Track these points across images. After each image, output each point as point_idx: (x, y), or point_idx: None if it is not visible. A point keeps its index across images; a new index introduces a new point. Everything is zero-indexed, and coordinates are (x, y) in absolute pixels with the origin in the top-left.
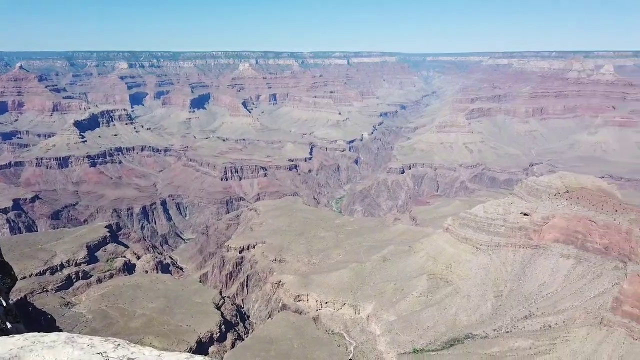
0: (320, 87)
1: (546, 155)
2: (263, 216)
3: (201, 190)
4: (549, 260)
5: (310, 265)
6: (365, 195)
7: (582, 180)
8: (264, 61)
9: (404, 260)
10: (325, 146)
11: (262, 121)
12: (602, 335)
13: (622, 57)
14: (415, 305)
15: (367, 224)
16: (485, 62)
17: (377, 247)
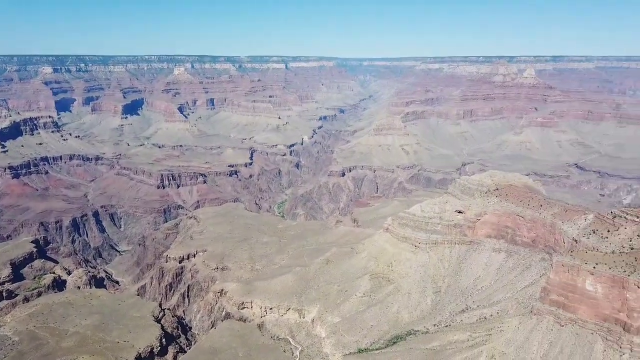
0: (259, 92)
1: (477, 155)
2: (203, 224)
3: (136, 199)
4: (483, 255)
5: (254, 272)
6: (307, 198)
7: (510, 178)
8: (200, 65)
9: (347, 261)
10: (266, 151)
11: (200, 127)
12: (532, 323)
13: (542, 62)
14: (358, 306)
15: (309, 227)
16: (418, 67)
17: (320, 250)
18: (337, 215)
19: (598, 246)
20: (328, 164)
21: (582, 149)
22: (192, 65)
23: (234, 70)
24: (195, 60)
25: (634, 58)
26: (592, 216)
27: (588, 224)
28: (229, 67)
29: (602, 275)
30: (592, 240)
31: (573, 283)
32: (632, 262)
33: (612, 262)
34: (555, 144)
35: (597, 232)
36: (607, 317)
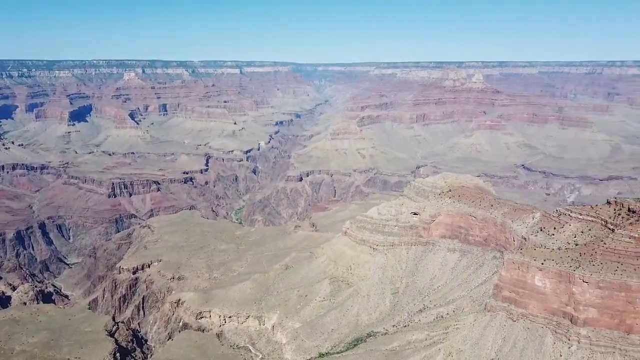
0: (214, 97)
1: (430, 157)
2: (158, 233)
3: (86, 209)
4: (438, 255)
5: (212, 280)
6: (265, 204)
7: (462, 180)
8: (152, 70)
9: (306, 266)
10: (222, 157)
11: (152, 133)
12: (486, 320)
13: (489, 67)
14: (319, 310)
15: (268, 233)
16: (372, 72)
17: (279, 255)
18: (296, 220)
19: (545, 243)
20: (285, 169)
21: (528, 151)
22: (143, 70)
23: (187, 75)
24: (147, 65)
25: (573, 64)
26: (539, 215)
27: (536, 222)
28: (182, 72)
29: (550, 271)
30: (539, 238)
31: (523, 279)
32: (577, 258)
33: (558, 258)
34: (503, 146)
35: (544, 230)
36: (555, 311)
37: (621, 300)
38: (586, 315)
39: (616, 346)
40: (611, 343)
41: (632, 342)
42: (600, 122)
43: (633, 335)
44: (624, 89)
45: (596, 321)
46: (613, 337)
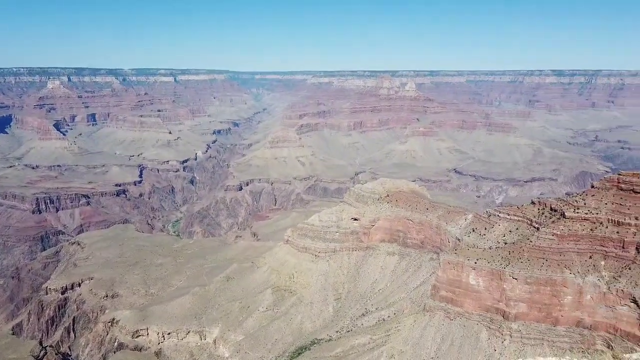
0: (147, 106)
1: (368, 164)
2: (89, 249)
3: (7, 227)
4: (378, 259)
5: (149, 297)
6: (204, 215)
7: (399, 185)
8: (79, 79)
9: (248, 276)
10: (157, 167)
11: (81, 144)
12: (426, 320)
13: (421, 76)
14: (262, 321)
15: (208, 244)
16: (309, 81)
17: (220, 267)
18: (236, 230)
19: (478, 243)
20: (224, 178)
21: (459, 155)
22: (69, 78)
23: (117, 83)
24: (73, 73)
25: (497, 73)
26: (471, 216)
27: (468, 223)
28: (111, 80)
29: (483, 270)
30: (472, 238)
31: (458, 279)
32: (507, 256)
33: (490, 257)
34: (436, 151)
35: (476, 231)
36: (489, 307)
37: (547, 294)
38: (517, 310)
39: (544, 338)
40: (540, 335)
41: (558, 334)
42: (523, 127)
43: (559, 327)
44: (543, 96)
45: (526, 315)
46: (541, 330)
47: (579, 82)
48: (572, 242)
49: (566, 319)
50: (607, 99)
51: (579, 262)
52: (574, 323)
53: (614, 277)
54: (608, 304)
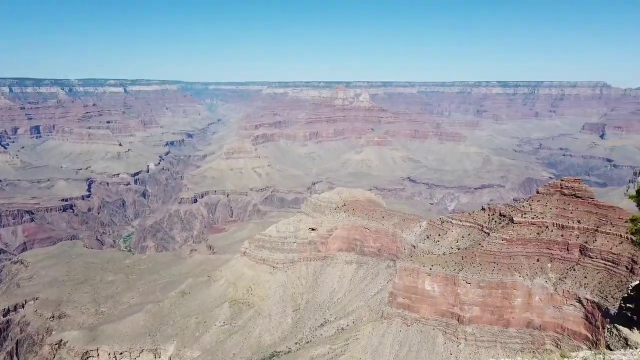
0: (95, 117)
1: (325, 174)
2: (33, 268)
3: None
4: (336, 268)
5: (99, 316)
6: (157, 229)
7: (355, 194)
8: (21, 89)
9: (204, 291)
10: (107, 181)
11: (23, 158)
12: (384, 327)
13: (375, 87)
14: (219, 336)
15: (161, 259)
16: (264, 91)
17: (174, 282)
18: (191, 243)
19: (432, 249)
20: (178, 190)
21: (412, 164)
22: (10, 89)
23: (63, 94)
24: (14, 83)
25: (446, 84)
26: (425, 223)
27: (423, 230)
28: (56, 90)
29: (437, 275)
30: (427, 245)
31: (415, 285)
32: (460, 261)
33: (444, 263)
34: (390, 160)
35: (430, 237)
36: (444, 312)
37: (499, 297)
38: (470, 314)
39: (497, 340)
40: (493, 338)
41: (510, 335)
42: (472, 136)
43: (511, 328)
44: (490, 106)
45: (479, 319)
46: (494, 332)
47: (523, 93)
48: (521, 246)
49: (517, 321)
50: (549, 108)
51: (527, 265)
52: (525, 324)
53: (560, 278)
54: (555, 305)
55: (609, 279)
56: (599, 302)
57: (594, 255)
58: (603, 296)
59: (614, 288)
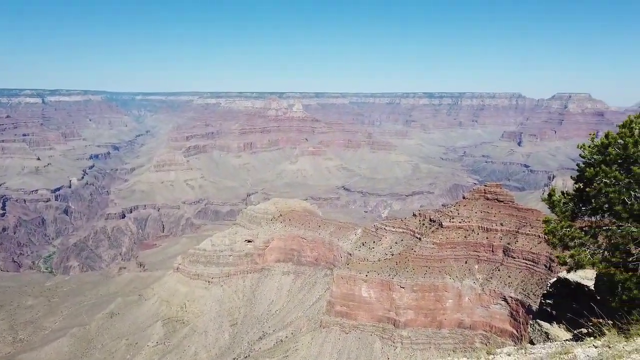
0: (9, 130)
1: (260, 184)
2: None
3: None
4: (274, 279)
5: (17, 344)
6: (82, 247)
7: (291, 204)
8: None
9: (135, 310)
10: (24, 198)
11: None
12: (322, 337)
13: (307, 98)
14: (152, 357)
15: (87, 279)
16: (195, 102)
17: (101, 303)
18: (120, 261)
19: (368, 256)
20: (104, 206)
21: (346, 173)
22: None
23: None
24: None
25: (376, 95)
26: (360, 231)
27: (358, 237)
28: None
29: (373, 281)
30: (362, 252)
31: (352, 292)
32: (394, 266)
33: (379, 269)
34: (325, 170)
35: (365, 244)
36: (380, 317)
37: (432, 299)
38: (406, 317)
39: (431, 341)
40: (427, 340)
41: (443, 336)
42: (402, 145)
43: (443, 329)
44: (417, 116)
45: (414, 322)
46: (428, 334)
47: (447, 104)
48: (450, 249)
49: (449, 322)
50: (471, 118)
51: (456, 267)
52: (456, 325)
53: (486, 278)
54: (483, 304)
55: (530, 277)
56: (522, 299)
57: (516, 256)
58: (525, 294)
59: (535, 285)
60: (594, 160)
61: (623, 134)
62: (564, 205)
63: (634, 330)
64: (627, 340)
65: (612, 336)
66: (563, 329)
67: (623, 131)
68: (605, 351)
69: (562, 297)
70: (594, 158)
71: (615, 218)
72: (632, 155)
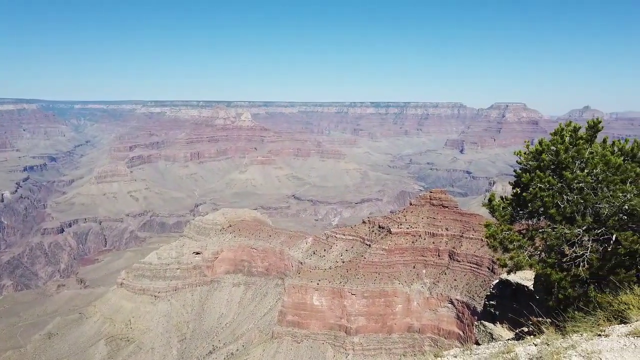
0: None
1: (208, 195)
2: None
3: None
4: (224, 291)
5: None
6: (16, 265)
7: (241, 214)
8: None
9: (76, 329)
10: None
11: None
12: (274, 348)
13: (256, 107)
14: None
15: (22, 299)
16: (139, 111)
17: (39, 323)
18: (58, 278)
19: (319, 264)
20: (40, 220)
21: (296, 182)
22: None
23: None
24: None
25: (324, 104)
26: (311, 239)
27: (309, 246)
28: None
29: (325, 289)
30: (313, 260)
31: (303, 301)
32: (345, 274)
33: (330, 277)
34: (275, 179)
35: (316, 253)
36: (332, 325)
37: (382, 305)
38: (357, 324)
39: (382, 347)
40: (378, 345)
41: (393, 341)
42: (351, 153)
43: (394, 334)
44: (365, 125)
45: (365, 328)
46: (379, 340)
47: (394, 113)
48: (399, 254)
49: (399, 326)
50: (416, 127)
51: (405, 272)
52: (406, 329)
53: (434, 282)
54: (431, 308)
55: (475, 280)
56: (467, 301)
57: (461, 259)
58: (470, 296)
59: (479, 287)
60: (529, 166)
61: (555, 141)
62: (503, 209)
63: (570, 327)
64: (564, 337)
65: (550, 334)
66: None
67: (555, 138)
68: (544, 348)
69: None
70: (529, 164)
71: (550, 221)
72: (563, 161)
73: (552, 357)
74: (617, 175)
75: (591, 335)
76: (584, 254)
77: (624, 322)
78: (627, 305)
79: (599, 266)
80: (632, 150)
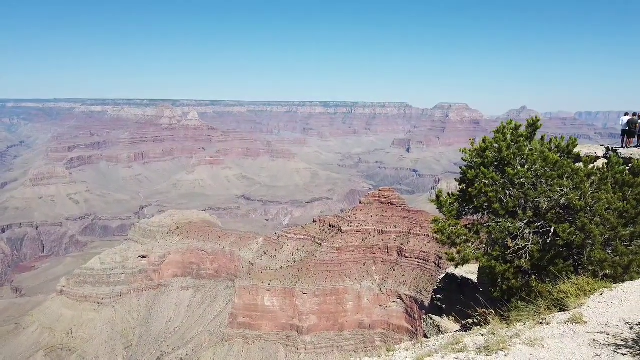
0: None
1: (154, 196)
2: None
3: None
4: (172, 295)
5: None
6: None
7: (189, 216)
8: None
9: (11, 341)
10: None
11: None
12: (225, 350)
13: (203, 106)
14: None
15: None
16: (78, 109)
17: None
18: None
19: (270, 265)
20: None
21: (246, 182)
22: None
23: None
24: None
25: (273, 103)
26: (261, 240)
27: (260, 247)
28: None
29: (276, 290)
30: (264, 261)
31: (255, 302)
32: (297, 273)
33: (282, 277)
34: (224, 179)
35: (267, 253)
36: (284, 325)
37: (333, 303)
38: (309, 323)
39: (334, 345)
40: (330, 343)
41: (345, 338)
42: (301, 153)
43: (345, 332)
44: (314, 124)
45: (317, 327)
46: (331, 338)
47: (343, 112)
48: (349, 252)
49: (350, 323)
50: (364, 126)
51: (355, 270)
52: (357, 326)
53: (383, 279)
54: (381, 304)
55: (422, 275)
56: (415, 296)
57: (408, 255)
58: (418, 291)
59: (426, 282)
60: (474, 163)
61: (498, 139)
62: (450, 205)
63: (514, 317)
64: (509, 327)
65: (496, 324)
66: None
67: (498, 136)
68: (490, 338)
69: (450, 291)
70: (474, 161)
71: (494, 215)
72: (505, 158)
73: (499, 345)
74: (555, 171)
75: (534, 324)
76: (526, 246)
77: (563, 310)
78: (565, 294)
79: (540, 257)
80: (567, 147)
